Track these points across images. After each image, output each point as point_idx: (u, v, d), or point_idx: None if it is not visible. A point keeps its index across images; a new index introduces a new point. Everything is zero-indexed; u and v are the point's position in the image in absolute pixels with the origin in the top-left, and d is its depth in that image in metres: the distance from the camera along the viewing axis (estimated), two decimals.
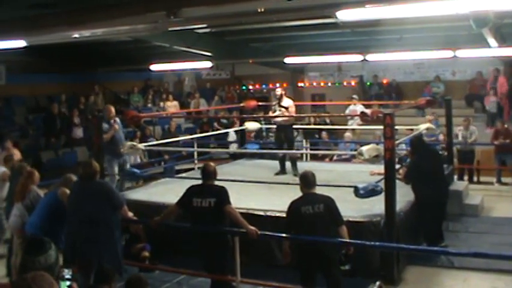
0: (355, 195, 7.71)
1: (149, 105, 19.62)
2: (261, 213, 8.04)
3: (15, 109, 17.64)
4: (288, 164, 11.27)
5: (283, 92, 11.44)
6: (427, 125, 11.53)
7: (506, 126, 14.28)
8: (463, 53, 14.30)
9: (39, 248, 3.88)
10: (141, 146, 10.32)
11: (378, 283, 6.26)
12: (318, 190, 6.75)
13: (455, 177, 12.44)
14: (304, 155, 14.74)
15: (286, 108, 11.13)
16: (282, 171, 11.27)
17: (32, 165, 10.03)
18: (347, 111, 16.46)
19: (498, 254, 6.87)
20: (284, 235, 6.72)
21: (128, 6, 8.42)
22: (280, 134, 11.41)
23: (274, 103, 11.54)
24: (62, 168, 14.15)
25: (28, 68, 17.84)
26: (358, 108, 15.61)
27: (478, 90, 17.94)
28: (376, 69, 19.95)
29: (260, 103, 15.60)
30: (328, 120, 17.91)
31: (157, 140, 15.03)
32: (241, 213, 6.92)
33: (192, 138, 14.34)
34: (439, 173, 9.20)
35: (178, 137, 15.00)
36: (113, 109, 10.93)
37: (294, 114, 11.62)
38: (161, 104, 19.66)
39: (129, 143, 10.22)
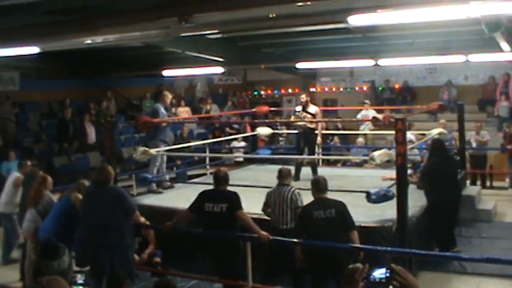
0: (367, 201, 7.70)
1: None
2: None
3: (28, 115, 17.75)
4: (304, 170, 11.23)
5: (309, 99, 11.46)
6: (440, 129, 11.49)
7: None
8: (476, 58, 14.23)
9: (52, 253, 3.92)
10: (153, 151, 10.35)
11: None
12: (330, 195, 6.77)
13: (468, 182, 12.38)
14: (316, 160, 14.72)
15: (313, 115, 11.15)
16: (297, 177, 11.18)
17: (45, 171, 10.12)
18: (358, 116, 16.43)
19: (511, 260, 6.83)
20: (295, 240, 6.72)
21: (140, 13, 8.47)
22: (301, 140, 11.41)
23: (298, 109, 11.49)
24: (75, 173, 14.26)
25: (41, 74, 17.96)
26: (370, 113, 15.59)
27: (491, 94, 17.84)
28: (388, 74, 19.91)
29: (272, 108, 15.63)
30: (340, 126, 17.88)
31: (169, 145, 15.05)
32: (253, 219, 6.94)
33: (204, 144, 14.35)
34: (454, 177, 9.18)
35: (190, 142, 15.01)
36: (170, 95, 11.74)
37: (322, 120, 11.75)
38: (173, 109, 19.70)
39: (141, 148, 10.25)
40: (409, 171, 9.59)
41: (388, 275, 2.68)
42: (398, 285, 2.64)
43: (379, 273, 2.73)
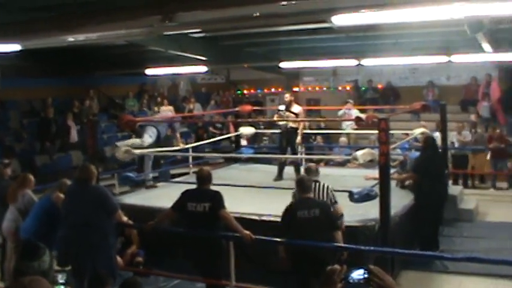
0: (349, 200, 7.72)
1: (144, 109, 19.55)
2: (256, 217, 8.03)
3: (9, 113, 17.57)
4: (287, 169, 11.24)
5: (293, 98, 11.48)
6: (422, 129, 11.55)
7: (498, 131, 14.35)
8: (458, 58, 14.31)
9: (33, 254, 3.87)
10: (136, 150, 10.28)
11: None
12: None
13: (450, 181, 12.45)
14: (299, 160, 14.72)
15: (296, 114, 11.16)
16: (280, 176, 11.21)
17: (26, 170, 10.02)
18: (340, 113, 16.38)
19: (493, 259, 6.88)
20: (278, 240, 6.71)
21: (123, 10, 8.40)
22: (283, 140, 11.41)
23: (281, 108, 11.51)
24: (57, 172, 14.12)
25: (23, 72, 17.74)
26: (353, 112, 15.60)
27: (473, 95, 17.92)
28: (371, 74, 19.95)
29: (255, 108, 15.61)
30: (323, 125, 17.89)
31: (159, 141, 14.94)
32: (236, 218, 6.92)
33: (186, 143, 14.30)
34: (442, 175, 9.30)
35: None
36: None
37: (305, 120, 11.76)
38: (156, 108, 19.59)
39: (124, 147, 10.18)
40: (395, 169, 9.67)
41: (366, 276, 2.69)
42: (376, 286, 2.64)
43: (357, 274, 2.73)
